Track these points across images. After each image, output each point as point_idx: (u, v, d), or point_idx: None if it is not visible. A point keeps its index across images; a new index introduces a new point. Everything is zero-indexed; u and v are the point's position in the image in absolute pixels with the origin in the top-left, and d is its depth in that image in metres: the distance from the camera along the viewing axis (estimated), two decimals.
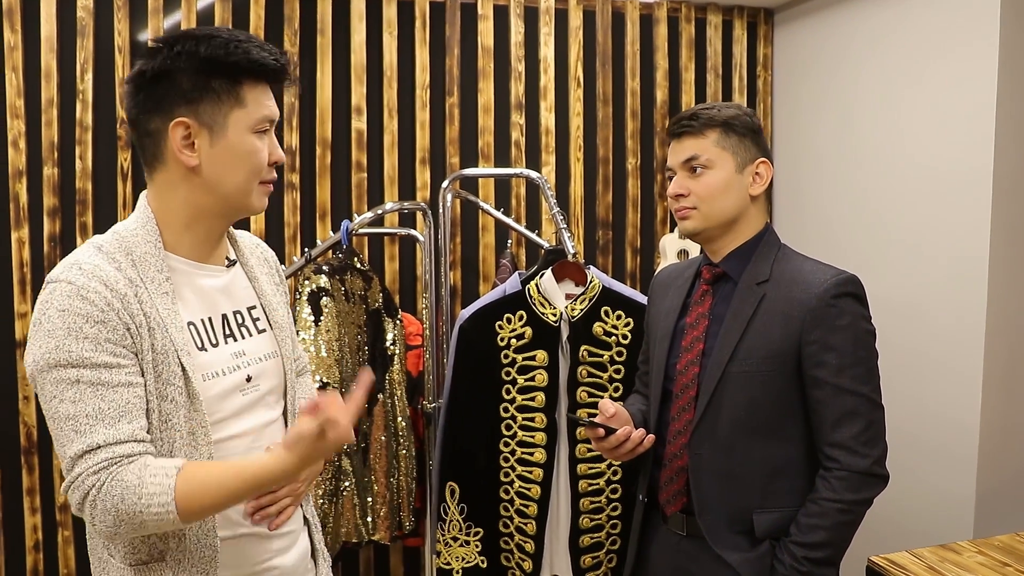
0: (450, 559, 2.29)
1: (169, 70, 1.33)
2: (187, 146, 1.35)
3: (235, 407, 1.43)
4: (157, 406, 1.32)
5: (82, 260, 1.32)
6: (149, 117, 1.36)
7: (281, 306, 1.60)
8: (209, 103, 1.34)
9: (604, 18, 3.24)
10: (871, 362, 1.66)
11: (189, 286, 1.42)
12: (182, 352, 1.34)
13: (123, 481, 1.24)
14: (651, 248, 3.35)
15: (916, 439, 2.69)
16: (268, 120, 1.40)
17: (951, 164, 2.58)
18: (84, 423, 1.25)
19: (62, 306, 1.26)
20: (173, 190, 1.39)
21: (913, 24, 2.72)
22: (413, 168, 3.07)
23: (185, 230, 1.41)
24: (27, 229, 2.71)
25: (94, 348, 1.26)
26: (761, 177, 1.74)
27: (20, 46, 2.67)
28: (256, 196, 1.42)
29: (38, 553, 2.78)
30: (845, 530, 1.63)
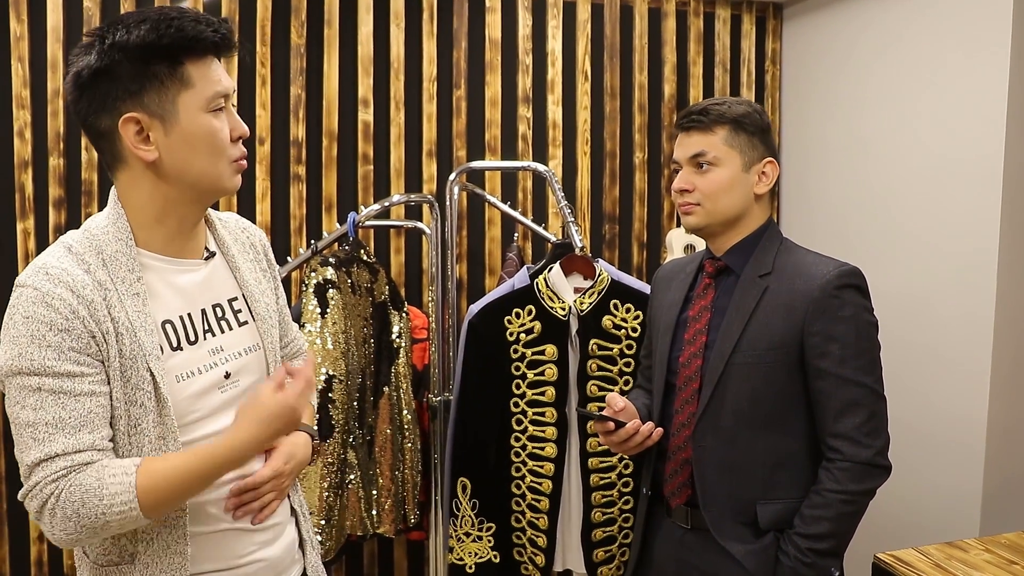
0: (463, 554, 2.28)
1: (106, 66, 1.26)
2: (142, 140, 1.29)
3: (213, 405, 1.39)
4: (125, 411, 1.29)
5: (50, 264, 1.27)
6: (97, 118, 1.30)
7: (267, 294, 1.55)
8: (154, 91, 1.27)
9: (612, 11, 3.22)
10: (873, 353, 1.67)
11: (164, 283, 1.37)
12: (151, 357, 1.30)
13: (82, 485, 1.22)
14: (657, 242, 3.35)
15: (923, 435, 2.68)
16: (221, 96, 1.32)
17: (961, 159, 2.57)
18: (43, 431, 1.22)
19: (26, 312, 1.23)
20: (139, 186, 1.33)
21: (923, 19, 2.71)
22: (420, 161, 3.06)
23: (156, 224, 1.36)
24: (32, 220, 2.70)
25: (57, 356, 1.23)
26: (767, 176, 1.75)
27: (26, 36, 2.65)
28: (228, 177, 1.36)
29: (42, 544, 2.77)
30: (849, 521, 1.65)
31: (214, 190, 1.37)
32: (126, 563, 1.34)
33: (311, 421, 1.64)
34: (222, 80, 1.33)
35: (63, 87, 1.35)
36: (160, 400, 1.31)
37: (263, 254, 1.61)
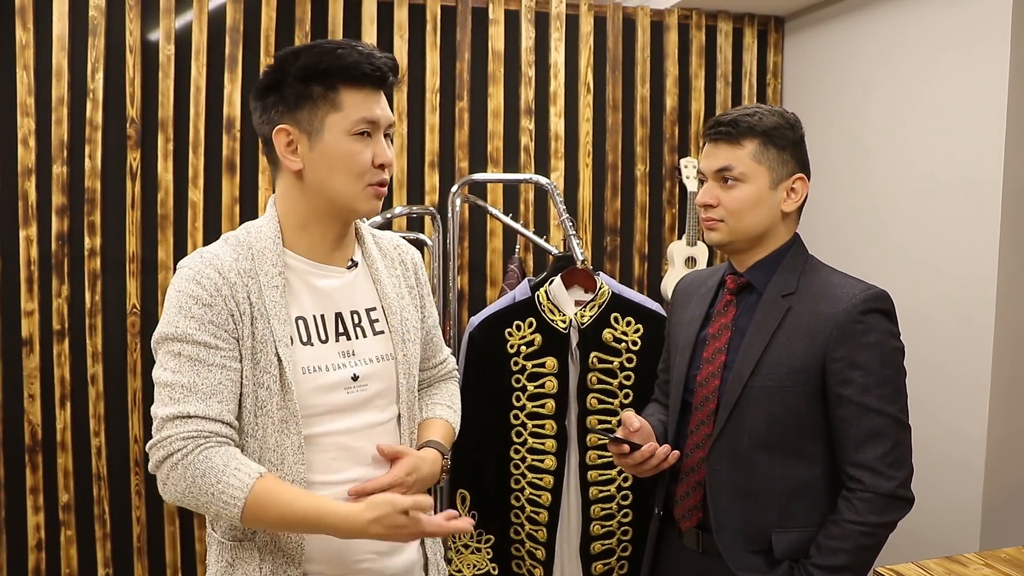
0: (461, 566, 2.28)
1: (276, 82, 1.43)
2: (290, 152, 1.43)
3: (337, 403, 1.46)
4: (252, 391, 1.40)
5: (206, 250, 1.45)
6: (264, 128, 1.46)
7: (409, 310, 1.61)
8: (307, 109, 1.41)
9: (615, 24, 3.24)
10: (899, 381, 1.60)
11: (304, 283, 1.48)
12: (280, 343, 1.41)
13: (210, 460, 1.33)
14: (659, 255, 3.35)
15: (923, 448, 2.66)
16: (367, 122, 1.42)
17: (960, 173, 2.58)
18: (179, 392, 1.35)
19: (179, 287, 1.39)
20: (289, 193, 1.48)
21: (923, 33, 2.72)
22: (422, 172, 3.07)
23: (302, 230, 1.48)
24: (35, 227, 2.70)
25: (198, 327, 1.36)
26: (796, 193, 1.68)
27: (32, 44, 2.66)
28: (363, 199, 1.45)
29: (40, 552, 2.77)
30: (867, 554, 1.58)
31: (349, 209, 1.46)
32: (248, 539, 1.43)
33: (445, 440, 1.66)
34: (373, 109, 1.43)
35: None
36: (285, 386, 1.41)
37: (413, 272, 1.68)
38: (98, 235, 2.77)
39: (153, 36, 2.80)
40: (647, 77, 3.29)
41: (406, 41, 3.01)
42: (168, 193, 2.82)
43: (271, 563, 1.42)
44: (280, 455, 1.41)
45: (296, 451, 1.41)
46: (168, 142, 2.81)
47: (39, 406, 2.74)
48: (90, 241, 2.76)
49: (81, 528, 2.81)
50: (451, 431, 1.70)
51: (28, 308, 2.71)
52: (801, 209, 1.74)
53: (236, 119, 2.86)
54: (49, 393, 2.75)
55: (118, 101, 2.77)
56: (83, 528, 2.81)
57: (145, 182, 2.81)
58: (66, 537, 2.79)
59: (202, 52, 2.82)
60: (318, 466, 1.45)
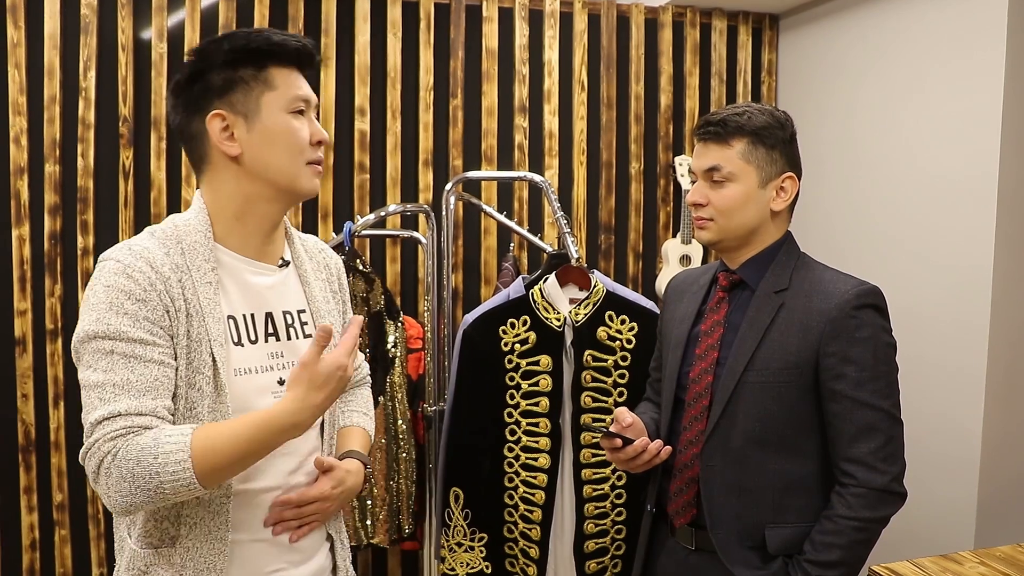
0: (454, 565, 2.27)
1: (200, 71, 1.39)
2: (227, 137, 1.39)
3: (264, 407, 1.39)
4: (184, 392, 1.33)
5: (133, 242, 1.37)
6: (190, 120, 1.41)
7: (333, 314, 1.58)
8: (240, 92, 1.38)
9: (609, 22, 3.23)
10: (891, 376, 1.61)
11: (235, 280, 1.43)
12: (215, 342, 1.35)
13: (138, 444, 1.24)
14: (653, 253, 3.35)
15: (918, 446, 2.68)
16: (302, 100, 1.42)
17: (956, 172, 2.58)
18: (110, 391, 1.27)
19: (107, 282, 1.31)
20: (222, 183, 1.42)
21: (919, 31, 2.72)
22: (416, 170, 3.06)
23: (236, 222, 1.43)
24: (28, 226, 2.69)
25: (132, 324, 1.29)
26: (785, 192, 1.69)
27: (23, 43, 2.65)
28: (305, 178, 1.43)
29: (35, 552, 2.76)
30: (860, 549, 1.58)
31: (292, 189, 1.43)
32: (167, 545, 1.36)
33: (364, 449, 1.64)
34: (304, 87, 1.43)
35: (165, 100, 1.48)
36: (218, 387, 1.35)
37: (336, 277, 1.66)
38: (91, 234, 2.76)
39: (145, 34, 2.79)
40: (641, 75, 3.29)
41: (400, 39, 3.00)
42: (161, 192, 2.81)
43: (192, 570, 1.35)
44: None
45: None
46: (161, 141, 2.80)
47: (32, 406, 2.73)
48: (83, 240, 2.75)
49: (75, 528, 2.80)
50: (369, 439, 1.69)
51: (21, 307, 2.70)
52: (792, 207, 1.74)
53: None
54: (42, 393, 2.75)
55: (110, 99, 2.76)
56: (77, 528, 2.80)
57: (138, 181, 2.80)
58: (60, 537, 2.78)
59: None
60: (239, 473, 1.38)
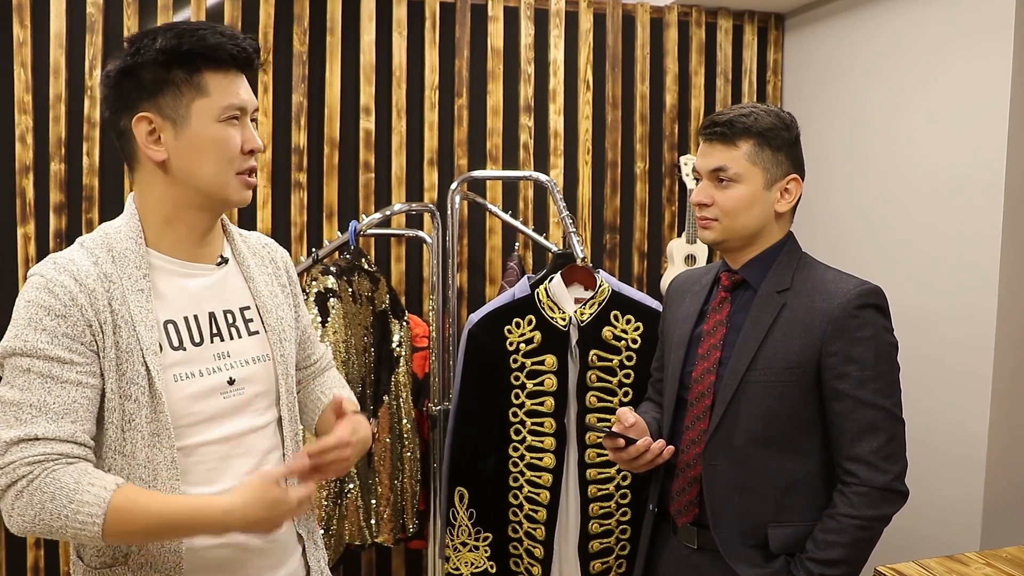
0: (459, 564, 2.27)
1: (131, 67, 1.31)
2: (153, 141, 1.33)
3: (213, 410, 1.38)
4: (119, 405, 1.29)
5: (60, 255, 1.33)
6: (118, 116, 1.35)
7: (283, 308, 1.54)
8: (170, 95, 1.31)
9: (614, 21, 3.23)
10: (893, 375, 1.62)
11: (170, 284, 1.38)
12: (148, 351, 1.30)
13: (58, 481, 1.21)
14: (658, 253, 3.34)
15: (924, 446, 2.67)
16: (236, 108, 1.35)
17: (962, 170, 2.57)
18: (27, 412, 1.23)
19: (29, 297, 1.28)
20: (150, 187, 1.37)
21: (925, 31, 2.71)
22: (421, 169, 3.06)
23: (166, 226, 1.38)
24: (33, 225, 2.69)
25: (49, 340, 1.25)
26: (790, 194, 1.69)
27: (29, 42, 2.65)
28: (234, 188, 1.37)
29: (39, 550, 2.76)
30: (863, 547, 1.59)
31: (220, 199, 1.39)
32: (119, 564, 1.33)
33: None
34: (239, 93, 1.36)
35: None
36: (155, 396, 1.30)
37: (284, 271, 1.61)
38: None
39: None
40: (647, 74, 3.28)
41: (405, 38, 3.00)
42: None
43: None
44: (152, 471, 1.30)
45: (170, 465, 1.31)
46: None
47: None
48: None
49: None
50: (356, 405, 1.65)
51: None
52: (795, 209, 1.75)
53: None
54: None
55: None
56: None
57: None
58: None
59: None
60: (194, 478, 1.35)
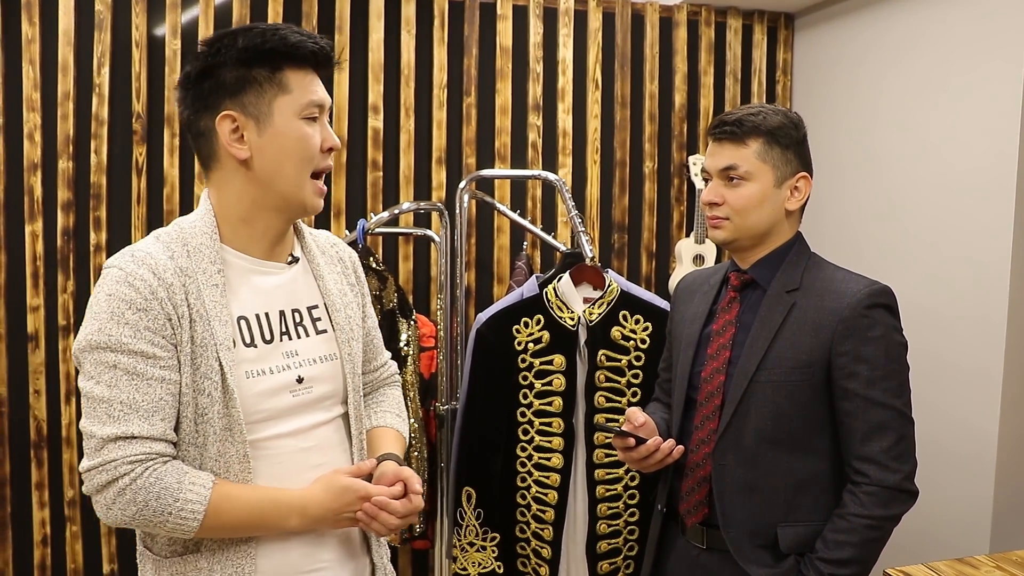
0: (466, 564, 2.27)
1: (211, 66, 1.34)
2: (236, 139, 1.35)
3: (282, 407, 1.40)
4: (193, 399, 1.32)
5: (137, 248, 1.34)
6: (199, 117, 1.37)
7: (352, 307, 1.56)
8: (252, 93, 1.34)
9: (623, 20, 3.22)
10: (903, 375, 1.63)
11: (244, 281, 1.41)
12: (221, 347, 1.33)
13: (162, 480, 1.26)
14: (666, 252, 3.33)
15: (933, 447, 2.66)
16: (316, 105, 1.38)
17: (973, 170, 2.56)
18: (118, 409, 1.26)
19: (109, 291, 1.29)
20: (228, 185, 1.39)
21: (936, 29, 2.70)
22: (429, 168, 3.05)
23: (242, 224, 1.40)
24: (41, 222, 2.69)
25: (133, 335, 1.27)
26: (799, 192, 1.70)
27: (37, 39, 2.65)
28: (308, 193, 1.40)
29: (46, 548, 2.76)
30: (873, 547, 1.59)
31: (295, 202, 1.40)
32: (191, 552, 1.36)
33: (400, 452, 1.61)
34: (318, 91, 1.39)
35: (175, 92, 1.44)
36: (227, 391, 1.33)
37: (352, 270, 1.62)
38: (104, 230, 2.76)
39: (159, 31, 2.79)
40: (656, 74, 3.27)
41: (414, 37, 2.99)
42: (174, 188, 2.81)
43: (220, 574, 1.35)
44: (224, 464, 1.34)
45: (241, 459, 1.34)
46: (174, 137, 2.80)
47: (44, 402, 2.73)
48: (96, 236, 2.75)
49: (87, 524, 2.80)
50: (404, 442, 1.66)
51: (34, 303, 2.70)
52: (804, 207, 1.75)
53: None
54: (55, 389, 2.75)
55: (124, 96, 2.76)
56: (88, 524, 2.80)
57: (151, 177, 2.80)
58: (71, 533, 2.78)
59: None
60: (264, 472, 1.38)
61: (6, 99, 2.66)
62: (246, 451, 1.34)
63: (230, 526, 1.32)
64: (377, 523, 1.40)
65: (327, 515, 1.37)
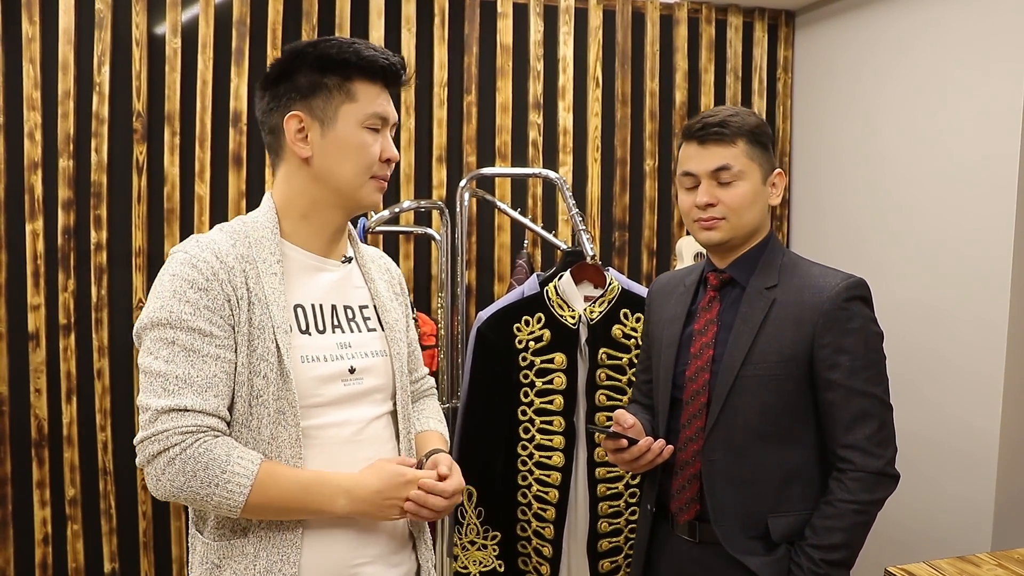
0: (467, 563, 2.26)
1: (288, 71, 1.43)
2: (300, 138, 1.43)
3: (334, 395, 1.44)
4: (248, 380, 1.36)
5: (202, 236, 1.42)
6: (271, 115, 1.46)
7: (398, 312, 1.62)
8: (321, 98, 1.42)
9: (624, 18, 3.21)
10: (881, 364, 1.67)
11: (301, 274, 1.47)
12: (279, 330, 1.38)
13: (211, 452, 1.30)
14: (667, 250, 3.33)
15: (935, 445, 2.66)
16: (379, 117, 1.45)
17: (975, 168, 2.55)
18: (174, 383, 1.31)
19: (173, 271, 1.36)
20: (291, 181, 1.47)
21: (937, 27, 2.69)
22: (429, 166, 3.05)
23: (302, 220, 1.47)
24: (41, 221, 2.69)
25: (192, 312, 1.33)
26: (776, 188, 1.76)
27: (38, 38, 2.65)
28: (367, 191, 1.47)
29: (47, 546, 2.76)
30: (860, 531, 1.63)
31: (354, 199, 1.48)
32: (239, 537, 1.39)
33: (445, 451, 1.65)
34: (385, 106, 1.47)
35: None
36: (283, 373, 1.37)
37: (397, 282, 1.70)
38: (104, 229, 2.76)
39: (159, 29, 2.78)
40: (656, 71, 3.27)
41: (414, 35, 2.99)
42: (174, 187, 2.81)
43: (265, 560, 1.37)
44: (276, 447, 1.37)
45: (294, 443, 1.38)
46: (174, 136, 2.80)
47: (45, 400, 2.73)
48: (96, 235, 2.75)
49: (87, 522, 2.80)
50: (447, 446, 1.71)
51: (34, 302, 2.70)
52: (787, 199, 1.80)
53: (243, 113, 2.85)
54: (55, 387, 2.75)
55: (124, 95, 2.76)
56: (89, 522, 2.81)
57: (151, 176, 2.80)
58: (72, 531, 2.78)
59: (208, 46, 2.81)
60: (315, 458, 1.41)
61: (6, 98, 2.66)
62: (299, 435, 1.38)
63: (276, 505, 1.34)
64: (427, 509, 1.43)
65: (374, 499, 1.39)
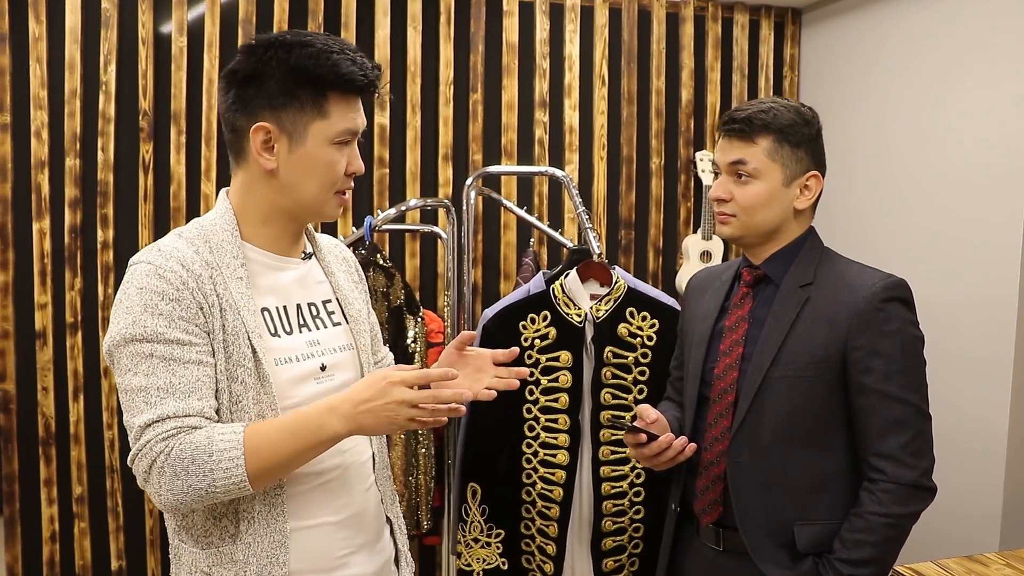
0: (471, 560, 2.26)
1: (259, 73, 1.36)
2: (266, 150, 1.38)
3: (309, 394, 1.43)
4: (227, 387, 1.34)
5: (162, 244, 1.37)
6: (236, 115, 1.39)
7: (360, 302, 1.61)
8: (292, 111, 1.36)
9: (630, 16, 3.21)
10: (919, 369, 1.59)
11: (264, 275, 1.44)
12: (253, 334, 1.36)
13: (192, 443, 1.26)
14: (673, 249, 3.33)
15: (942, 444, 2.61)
16: (350, 132, 1.41)
17: (983, 165, 2.54)
18: (155, 395, 1.28)
19: (140, 284, 1.31)
20: (251, 188, 1.43)
21: (946, 26, 2.68)
22: (436, 164, 3.05)
23: (261, 225, 1.44)
24: (48, 220, 2.70)
25: (167, 324, 1.29)
26: (809, 190, 1.67)
27: (44, 37, 2.66)
28: (330, 207, 1.44)
29: (55, 544, 2.77)
30: (892, 546, 1.56)
31: (315, 213, 1.45)
32: (227, 544, 1.37)
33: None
34: (356, 119, 1.42)
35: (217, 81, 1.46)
36: (261, 377, 1.36)
37: (354, 269, 1.68)
38: (111, 228, 2.76)
39: (165, 28, 2.79)
40: (662, 70, 3.26)
41: (419, 33, 2.99)
42: (180, 186, 2.81)
43: (256, 566, 1.35)
44: None
45: None
46: (181, 134, 2.80)
47: (53, 399, 2.74)
48: (103, 234, 2.75)
49: (95, 520, 2.81)
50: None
51: (42, 301, 2.71)
52: (816, 204, 1.72)
53: None
54: (63, 386, 2.76)
55: (131, 93, 2.77)
56: (97, 520, 2.82)
57: (158, 175, 2.80)
58: (80, 529, 2.79)
59: (214, 44, 2.81)
60: None
61: (14, 97, 2.67)
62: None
63: (276, 460, 1.29)
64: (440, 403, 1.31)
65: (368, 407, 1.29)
